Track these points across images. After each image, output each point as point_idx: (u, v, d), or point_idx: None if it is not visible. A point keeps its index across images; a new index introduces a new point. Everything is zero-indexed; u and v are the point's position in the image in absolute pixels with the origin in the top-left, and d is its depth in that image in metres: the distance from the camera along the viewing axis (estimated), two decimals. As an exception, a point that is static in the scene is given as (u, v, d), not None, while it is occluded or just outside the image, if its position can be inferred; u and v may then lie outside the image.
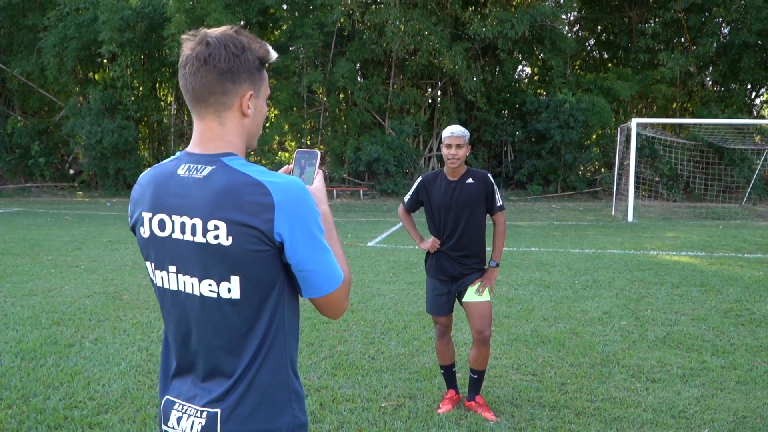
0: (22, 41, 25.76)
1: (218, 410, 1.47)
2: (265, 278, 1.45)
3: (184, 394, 1.54)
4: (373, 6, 25.04)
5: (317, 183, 1.63)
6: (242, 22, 25.67)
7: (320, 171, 1.66)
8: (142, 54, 25.80)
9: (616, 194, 19.80)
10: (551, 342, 5.51)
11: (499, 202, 3.99)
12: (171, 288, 1.52)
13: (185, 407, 1.52)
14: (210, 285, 1.45)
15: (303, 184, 1.46)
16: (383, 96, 25.61)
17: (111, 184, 25.36)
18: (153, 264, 1.54)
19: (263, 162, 26.89)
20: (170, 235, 1.48)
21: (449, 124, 25.91)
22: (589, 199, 24.76)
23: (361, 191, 24.88)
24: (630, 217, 16.88)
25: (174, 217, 1.47)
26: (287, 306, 1.51)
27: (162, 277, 1.53)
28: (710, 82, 28.54)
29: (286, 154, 30.04)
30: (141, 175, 1.60)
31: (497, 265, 4.03)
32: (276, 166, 24.37)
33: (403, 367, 4.86)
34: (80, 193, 25.92)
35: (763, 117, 29.79)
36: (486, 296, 3.96)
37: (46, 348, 5.27)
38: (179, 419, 1.53)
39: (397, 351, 5.25)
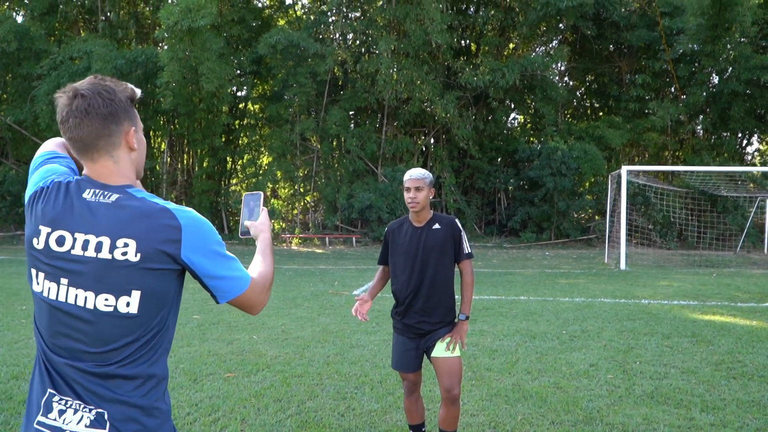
0: (16, 90, 25.96)
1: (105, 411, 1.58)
2: (163, 294, 1.62)
3: (66, 392, 1.61)
4: (366, 55, 25.34)
5: (262, 218, 1.99)
6: (237, 71, 25.95)
7: (264, 209, 2.02)
8: (136, 103, 25.94)
9: (608, 242, 19.64)
10: (533, 397, 5.23)
11: (466, 249, 3.79)
12: (59, 299, 1.60)
13: (69, 402, 1.59)
14: (107, 299, 1.58)
15: (197, 213, 1.67)
16: (376, 143, 25.70)
17: (101, 231, 25.14)
18: (43, 274, 1.62)
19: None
20: (69, 250, 1.59)
21: (442, 171, 26.09)
22: (583, 247, 24.59)
23: (354, 238, 24.68)
24: (622, 265, 16.67)
25: (77, 234, 1.59)
26: (170, 319, 1.68)
27: (50, 288, 1.61)
28: (701, 131, 28.76)
29: (279, 201, 29.97)
30: (46, 183, 1.70)
31: (467, 318, 3.79)
32: (269, 213, 24.21)
33: (373, 426, 4.58)
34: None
35: (754, 165, 29.88)
36: (456, 352, 3.72)
37: (0, 404, 4.98)
38: (61, 412, 1.60)
39: (370, 407, 4.97)
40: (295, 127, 25.34)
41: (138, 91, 1.72)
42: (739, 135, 28.23)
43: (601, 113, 30.47)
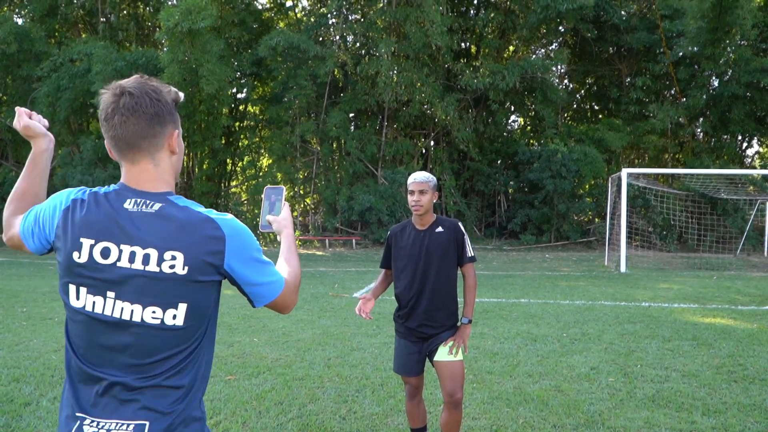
0: (16, 91, 25.98)
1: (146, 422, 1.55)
2: (207, 306, 1.62)
3: (99, 412, 1.57)
4: (366, 57, 25.34)
5: (284, 213, 1.97)
6: (237, 73, 25.96)
7: (286, 203, 2.01)
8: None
9: (608, 244, 19.63)
10: (534, 400, 5.23)
11: (470, 252, 3.79)
12: (105, 313, 1.57)
13: (102, 423, 1.56)
14: (154, 312, 1.56)
15: (237, 220, 1.67)
16: (376, 146, 25.70)
17: (101, 233, 25.14)
18: (86, 288, 1.58)
19: (256, 211, 26.78)
20: (115, 263, 1.56)
21: (442, 173, 26.08)
22: (583, 249, 24.59)
23: (354, 240, 24.68)
24: (623, 268, 16.67)
25: (122, 246, 1.56)
26: (211, 328, 1.67)
27: (94, 302, 1.57)
28: (701, 134, 28.76)
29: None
30: (73, 197, 1.65)
31: (469, 321, 3.79)
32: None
33: (374, 429, 4.58)
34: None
35: (754, 167, 29.89)
36: (458, 356, 3.72)
37: (0, 407, 4.97)
38: None
39: (371, 410, 4.97)
40: (295, 129, 25.34)
41: (181, 95, 1.70)
42: (739, 138, 28.24)
43: (601, 116, 30.50)
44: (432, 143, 28.61)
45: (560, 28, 27.27)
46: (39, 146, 1.86)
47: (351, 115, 27.12)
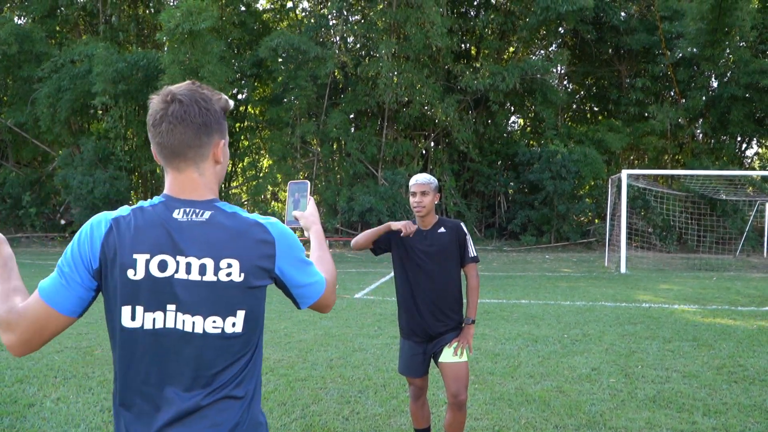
0: (17, 92, 25.99)
1: None
2: (260, 310, 1.63)
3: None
4: (366, 58, 25.38)
5: (310, 208, 1.95)
6: (237, 74, 26.00)
7: (311, 198, 1.97)
8: (136, 105, 25.99)
9: (608, 245, 19.67)
10: (536, 401, 5.26)
11: (472, 252, 3.82)
12: (167, 326, 1.53)
13: None
14: (215, 321, 1.54)
15: (283, 224, 1.68)
16: (376, 147, 25.73)
17: (101, 234, 25.13)
18: (142, 307, 1.53)
19: (256, 212, 26.78)
20: (172, 275, 1.53)
21: (443, 174, 26.10)
22: (583, 250, 24.62)
23: (354, 242, 24.68)
24: (623, 269, 16.70)
25: (178, 258, 1.53)
26: (261, 336, 1.68)
27: (154, 318, 1.53)
28: (701, 135, 28.80)
29: (279, 204, 30.00)
30: (113, 216, 1.58)
31: (473, 322, 3.82)
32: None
33: (378, 430, 4.60)
34: (68, 241, 25.65)
35: (753, 168, 29.93)
36: (463, 357, 3.74)
37: (4, 408, 5.00)
38: None
39: (374, 411, 5.00)
40: (295, 130, 25.36)
41: (231, 103, 1.67)
42: (739, 139, 28.27)
43: (600, 117, 30.52)
44: (432, 144, 28.65)
45: (560, 29, 27.31)
46: (2, 252, 1.70)
47: (351, 116, 27.14)
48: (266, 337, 7.74)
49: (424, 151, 28.78)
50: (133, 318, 1.54)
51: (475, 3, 28.63)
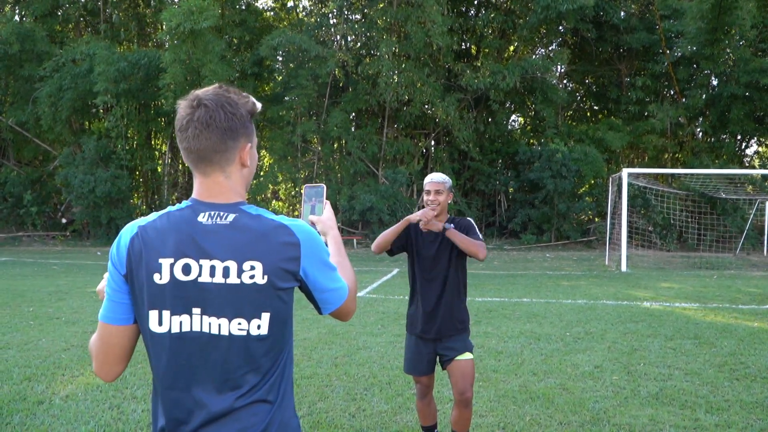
0: (18, 91, 26.02)
1: None
2: (287, 313, 1.61)
3: None
4: (367, 57, 25.41)
5: (327, 213, 1.92)
6: (237, 74, 26.03)
7: (327, 202, 1.94)
8: (138, 104, 26.03)
9: (609, 244, 19.72)
10: (540, 398, 5.32)
11: (479, 237, 3.83)
12: (193, 330, 1.55)
13: None
14: (240, 324, 1.55)
15: (308, 225, 1.67)
16: (377, 145, 25.76)
17: (103, 233, 25.22)
18: (169, 311, 1.55)
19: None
20: (196, 278, 1.54)
21: (443, 173, 26.13)
22: (583, 249, 24.67)
23: (355, 240, 24.75)
24: (623, 267, 16.76)
25: (202, 261, 1.54)
26: (290, 339, 1.67)
27: (181, 322, 1.55)
28: (700, 133, 28.85)
29: (280, 203, 30.04)
30: (141, 224, 1.62)
31: (446, 230, 3.75)
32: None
33: (384, 427, 4.66)
34: (69, 240, 25.72)
35: (753, 167, 29.99)
36: (468, 354, 3.80)
37: (14, 405, 5.05)
38: None
39: (380, 408, 5.05)
40: (296, 129, 25.39)
41: (258, 105, 1.67)
42: (739, 137, 28.32)
43: (600, 116, 30.56)
44: (433, 143, 28.69)
45: (560, 28, 27.34)
46: None
47: (352, 114, 27.18)
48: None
49: (424, 150, 28.82)
50: (160, 323, 1.56)
51: (476, 2, 28.66)
